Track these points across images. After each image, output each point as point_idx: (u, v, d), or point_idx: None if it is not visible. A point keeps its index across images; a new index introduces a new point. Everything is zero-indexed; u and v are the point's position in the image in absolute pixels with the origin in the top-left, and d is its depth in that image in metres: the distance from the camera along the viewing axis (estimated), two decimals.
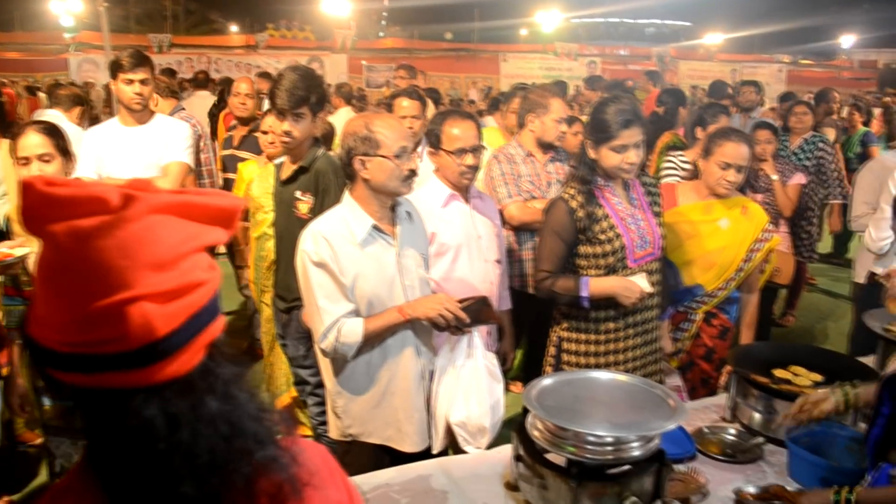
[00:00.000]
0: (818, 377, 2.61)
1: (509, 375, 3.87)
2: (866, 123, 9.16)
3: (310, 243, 2.46)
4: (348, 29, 25.26)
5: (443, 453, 2.71)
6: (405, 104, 4.01)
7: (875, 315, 2.98)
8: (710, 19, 31.62)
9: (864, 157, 7.11)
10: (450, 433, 2.60)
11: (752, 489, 2.21)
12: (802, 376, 2.61)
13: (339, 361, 2.58)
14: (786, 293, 6.19)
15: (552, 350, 3.07)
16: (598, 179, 2.89)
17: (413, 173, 2.51)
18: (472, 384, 2.53)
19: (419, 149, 3.71)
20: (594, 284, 2.82)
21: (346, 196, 2.57)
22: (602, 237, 2.85)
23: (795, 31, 28.65)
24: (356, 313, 2.49)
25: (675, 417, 1.96)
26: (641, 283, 2.81)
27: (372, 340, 2.52)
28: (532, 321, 3.80)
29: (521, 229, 3.69)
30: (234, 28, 30.75)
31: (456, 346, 2.59)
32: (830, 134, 6.50)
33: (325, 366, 2.67)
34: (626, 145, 2.78)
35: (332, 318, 2.46)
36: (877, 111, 11.85)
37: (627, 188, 2.98)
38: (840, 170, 6.02)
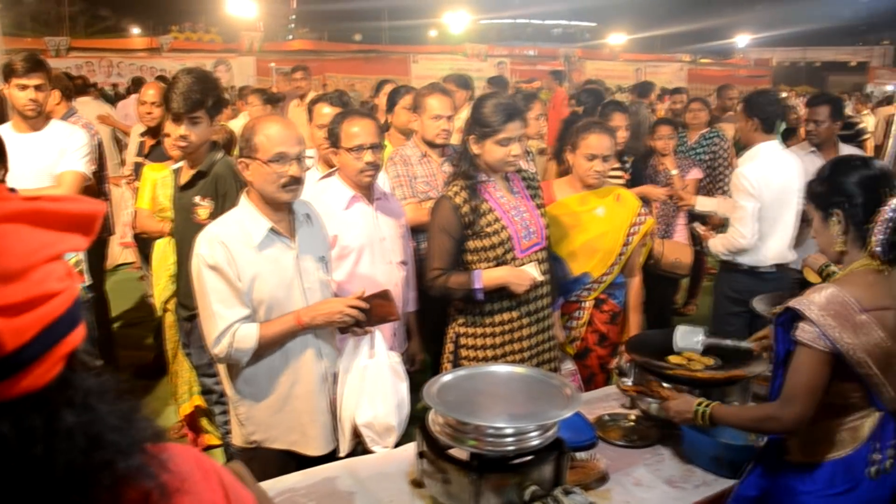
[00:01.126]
0: (710, 361, 2.74)
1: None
2: None
3: (205, 247, 2.42)
4: (256, 31, 24.82)
5: (351, 455, 2.71)
6: (326, 111, 3.78)
7: (763, 300, 3.15)
8: (613, 20, 32.45)
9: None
10: (357, 434, 2.61)
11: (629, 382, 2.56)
12: (696, 361, 2.73)
13: (239, 368, 2.55)
14: (687, 283, 6.42)
15: (450, 346, 3.12)
16: (481, 175, 2.96)
17: (295, 180, 2.46)
18: (376, 384, 2.54)
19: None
20: (486, 276, 2.89)
21: (243, 198, 2.54)
22: (488, 230, 2.92)
23: (695, 31, 29.66)
24: (251, 318, 2.46)
25: (571, 406, 2.01)
26: (532, 272, 2.91)
27: (268, 346, 2.49)
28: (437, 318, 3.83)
29: (418, 230, 3.72)
30: (135, 30, 29.80)
31: (359, 346, 2.59)
32: (729, 130, 6.76)
33: (224, 373, 2.64)
34: (510, 138, 2.87)
35: (225, 322, 2.42)
36: None
37: (509, 181, 3.05)
38: (732, 165, 6.28)
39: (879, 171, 2.07)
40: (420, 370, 3.50)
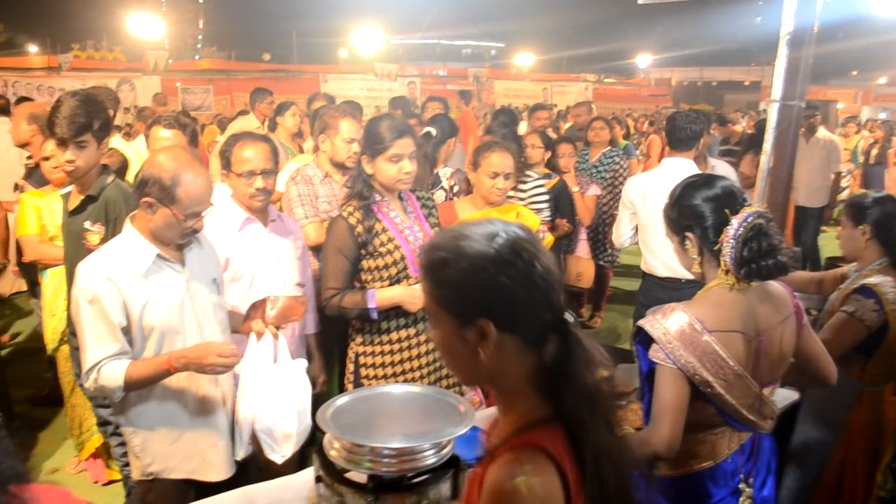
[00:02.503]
0: (603, 373, 2.80)
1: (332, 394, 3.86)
2: (626, 136, 10.01)
3: (85, 279, 2.34)
4: (162, 49, 24.25)
5: (248, 462, 2.68)
6: (163, 134, 3.52)
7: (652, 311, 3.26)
8: (521, 41, 33.17)
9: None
10: (255, 440, 2.57)
11: None
12: None
13: (132, 399, 2.48)
14: (592, 297, 6.58)
15: (350, 367, 3.12)
16: (375, 195, 2.99)
17: (195, 232, 2.45)
18: (277, 390, 2.51)
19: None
20: (380, 295, 2.91)
21: (128, 225, 2.46)
22: (382, 250, 2.94)
23: (599, 52, 30.62)
24: (128, 353, 2.40)
25: (465, 422, 2.03)
26: None
27: (137, 387, 2.41)
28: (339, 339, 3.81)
29: (319, 249, 3.70)
30: (33, 48, 28.63)
31: (261, 348, 2.56)
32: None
33: (118, 404, 2.55)
34: (400, 155, 2.90)
35: (95, 358, 2.36)
36: None
37: (403, 201, 3.08)
38: None
39: (723, 191, 2.10)
40: (322, 392, 3.46)
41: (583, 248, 5.59)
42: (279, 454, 2.52)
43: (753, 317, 2.07)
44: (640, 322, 2.07)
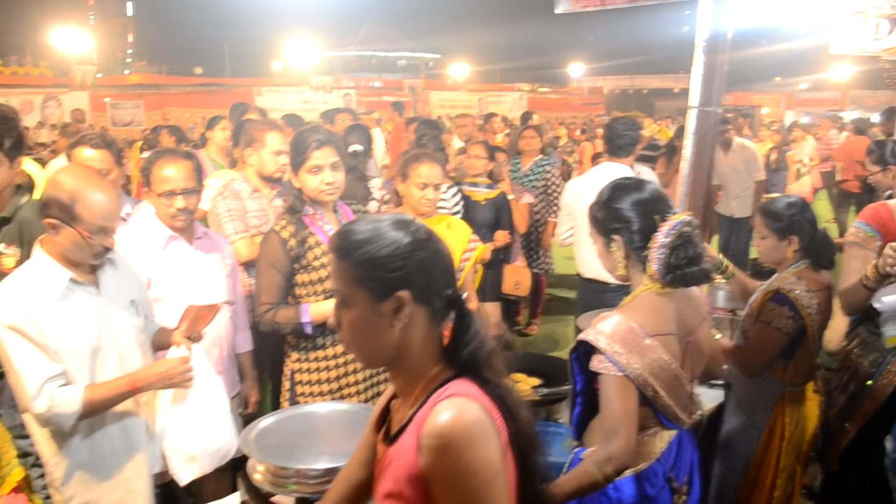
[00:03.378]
0: (536, 381, 2.81)
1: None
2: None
3: (0, 306, 2.24)
4: (90, 64, 23.63)
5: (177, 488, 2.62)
6: (87, 154, 3.30)
7: (588, 317, 3.28)
8: (457, 52, 33.41)
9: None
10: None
11: None
12: (522, 382, 2.80)
13: (52, 430, 2.37)
14: (528, 305, 6.61)
15: (286, 384, 3.06)
16: (308, 208, 2.96)
17: (107, 250, 2.35)
18: (190, 408, 2.43)
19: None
20: (314, 309, 2.87)
21: (37, 249, 2.36)
22: (316, 263, 2.91)
23: (533, 61, 31.05)
24: (63, 374, 2.30)
25: None
26: None
27: (97, 411, 2.33)
28: (272, 357, 3.73)
29: (253, 265, 3.62)
30: None
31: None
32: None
33: (40, 435, 2.44)
34: (320, 166, 2.88)
35: (35, 382, 2.24)
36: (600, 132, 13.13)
37: (338, 214, 3.05)
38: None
39: (651, 196, 2.13)
40: (255, 412, 3.38)
41: (519, 257, 5.61)
42: (183, 474, 2.44)
43: (683, 318, 2.12)
44: (581, 336, 2.07)
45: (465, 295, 1.47)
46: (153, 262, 2.88)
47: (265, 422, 2.11)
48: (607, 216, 2.15)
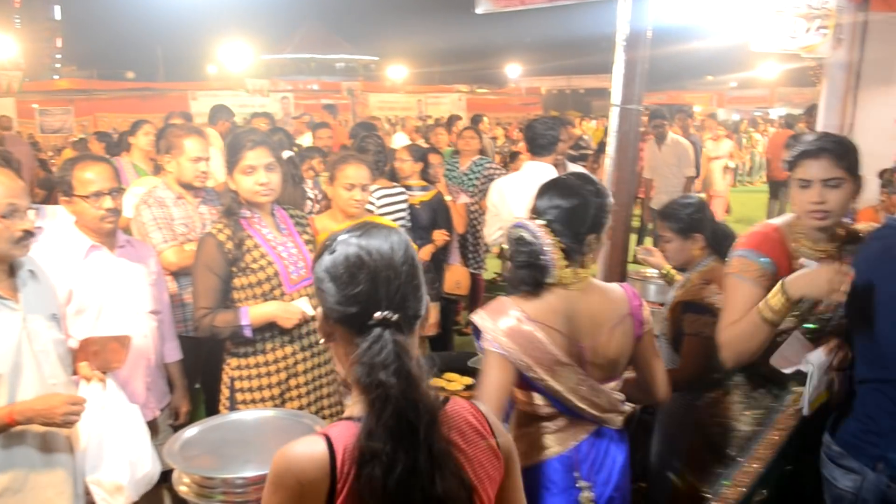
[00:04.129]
0: (469, 381, 2.81)
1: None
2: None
3: None
4: (16, 69, 22.83)
5: None
6: None
7: None
8: (395, 54, 33.36)
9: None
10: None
11: None
12: (455, 381, 2.80)
13: None
14: (467, 304, 6.63)
15: (225, 392, 2.99)
16: (245, 211, 2.93)
17: (28, 234, 2.26)
18: (107, 438, 2.36)
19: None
20: (253, 312, 2.84)
21: None
22: (254, 266, 2.87)
23: (471, 63, 31.20)
24: None
25: None
26: (303, 307, 2.88)
27: None
28: (204, 365, 3.66)
29: (181, 273, 3.54)
30: None
31: (90, 396, 2.40)
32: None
33: None
34: (254, 166, 2.86)
35: None
36: None
37: (275, 217, 3.02)
38: None
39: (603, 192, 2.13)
40: (187, 423, 3.31)
41: (456, 257, 5.62)
42: None
43: (580, 318, 2.06)
44: (471, 316, 2.09)
45: None
46: (74, 273, 2.79)
47: (190, 432, 2.06)
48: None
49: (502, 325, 1.99)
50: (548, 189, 2.10)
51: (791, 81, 24.34)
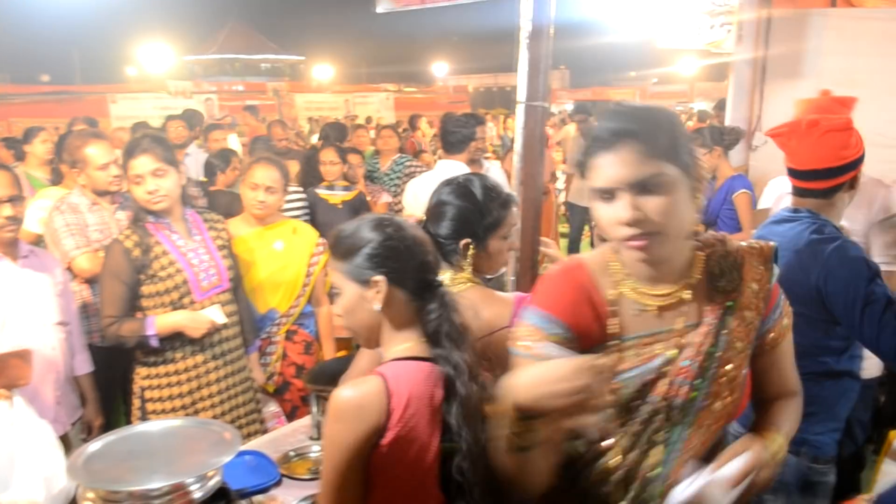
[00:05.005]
0: None
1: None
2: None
3: None
4: None
5: None
6: None
7: None
8: (321, 53, 33.06)
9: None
10: None
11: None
12: None
13: None
14: None
15: (136, 402, 2.95)
16: (151, 217, 2.89)
17: None
18: (16, 456, 2.28)
19: None
20: (160, 321, 2.81)
21: None
22: (163, 273, 2.84)
23: (399, 62, 31.16)
24: None
25: (230, 450, 1.94)
26: (213, 316, 2.85)
27: None
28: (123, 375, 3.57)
29: (96, 281, 3.45)
30: None
31: None
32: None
33: None
34: (140, 175, 2.83)
35: None
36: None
37: (187, 222, 2.98)
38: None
39: (507, 195, 2.12)
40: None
41: None
42: None
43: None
44: None
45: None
46: None
47: (94, 446, 2.00)
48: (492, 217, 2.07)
49: None
50: (435, 189, 2.12)
51: (710, 76, 25.02)
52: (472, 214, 2.04)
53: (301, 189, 5.15)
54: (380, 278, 1.62)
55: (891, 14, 4.82)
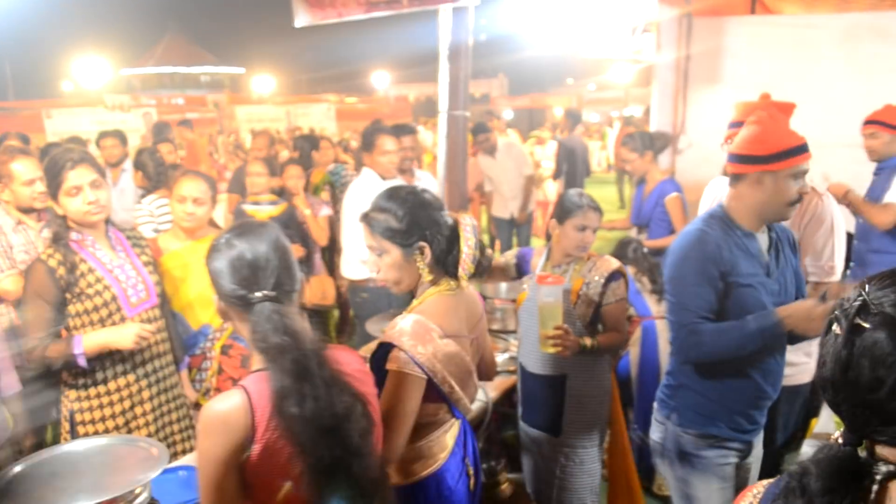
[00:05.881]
0: None
1: None
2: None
3: None
4: None
5: None
6: None
7: (376, 320, 3.36)
8: (262, 65, 32.77)
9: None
10: None
11: None
12: None
13: None
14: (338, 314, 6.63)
15: (66, 425, 2.89)
16: (75, 234, 2.83)
17: None
18: None
19: None
20: (87, 340, 2.74)
21: None
22: (90, 291, 2.78)
23: (340, 72, 31.06)
24: None
25: (157, 466, 1.95)
26: (139, 330, 2.81)
27: None
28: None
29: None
30: None
31: None
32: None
33: None
34: (79, 186, 2.76)
35: None
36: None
37: (110, 239, 2.94)
38: None
39: (430, 198, 2.17)
40: None
41: (320, 268, 5.61)
42: None
43: (469, 317, 2.22)
44: (383, 338, 2.08)
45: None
46: None
47: (18, 468, 1.98)
48: (410, 226, 2.10)
49: (422, 341, 2.02)
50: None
51: (644, 82, 25.56)
52: (387, 220, 2.16)
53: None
54: (216, 298, 1.80)
55: (805, 21, 5.03)
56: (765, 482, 1.17)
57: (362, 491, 1.58)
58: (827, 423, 3.57)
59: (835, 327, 1.01)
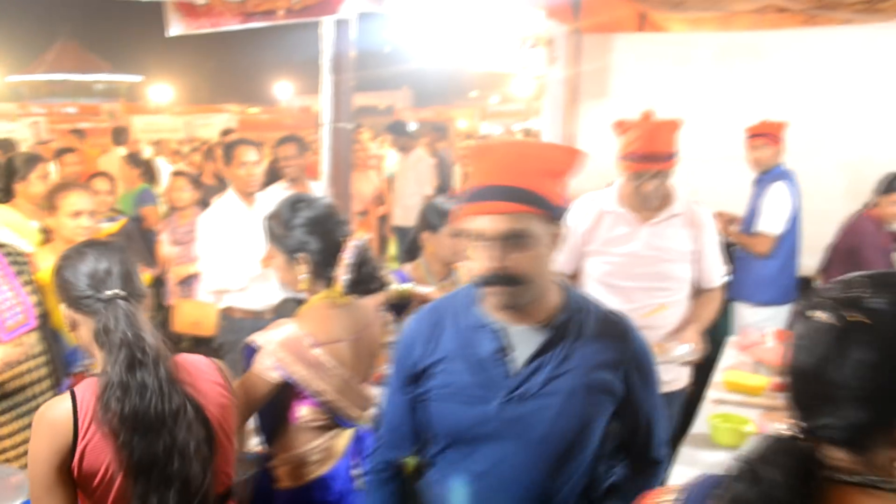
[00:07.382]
0: None
1: None
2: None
3: None
4: None
5: None
6: None
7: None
8: (160, 73, 31.88)
9: None
10: None
11: None
12: None
13: None
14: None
15: None
16: None
17: None
18: None
19: None
20: None
21: None
22: None
23: (241, 82, 30.54)
24: None
25: (18, 495, 1.86)
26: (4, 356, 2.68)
27: None
28: None
29: None
30: None
31: None
32: None
33: None
34: None
35: None
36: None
37: None
38: None
39: (326, 210, 2.22)
40: None
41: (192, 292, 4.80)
42: None
43: (353, 323, 2.22)
44: (253, 336, 2.10)
45: None
46: None
47: None
48: (291, 235, 2.18)
49: (290, 350, 2.04)
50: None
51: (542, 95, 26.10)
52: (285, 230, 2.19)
53: None
54: (63, 307, 1.76)
55: (685, 38, 5.26)
56: (676, 485, 1.16)
57: (179, 494, 1.61)
58: None
59: (819, 315, 1.00)
